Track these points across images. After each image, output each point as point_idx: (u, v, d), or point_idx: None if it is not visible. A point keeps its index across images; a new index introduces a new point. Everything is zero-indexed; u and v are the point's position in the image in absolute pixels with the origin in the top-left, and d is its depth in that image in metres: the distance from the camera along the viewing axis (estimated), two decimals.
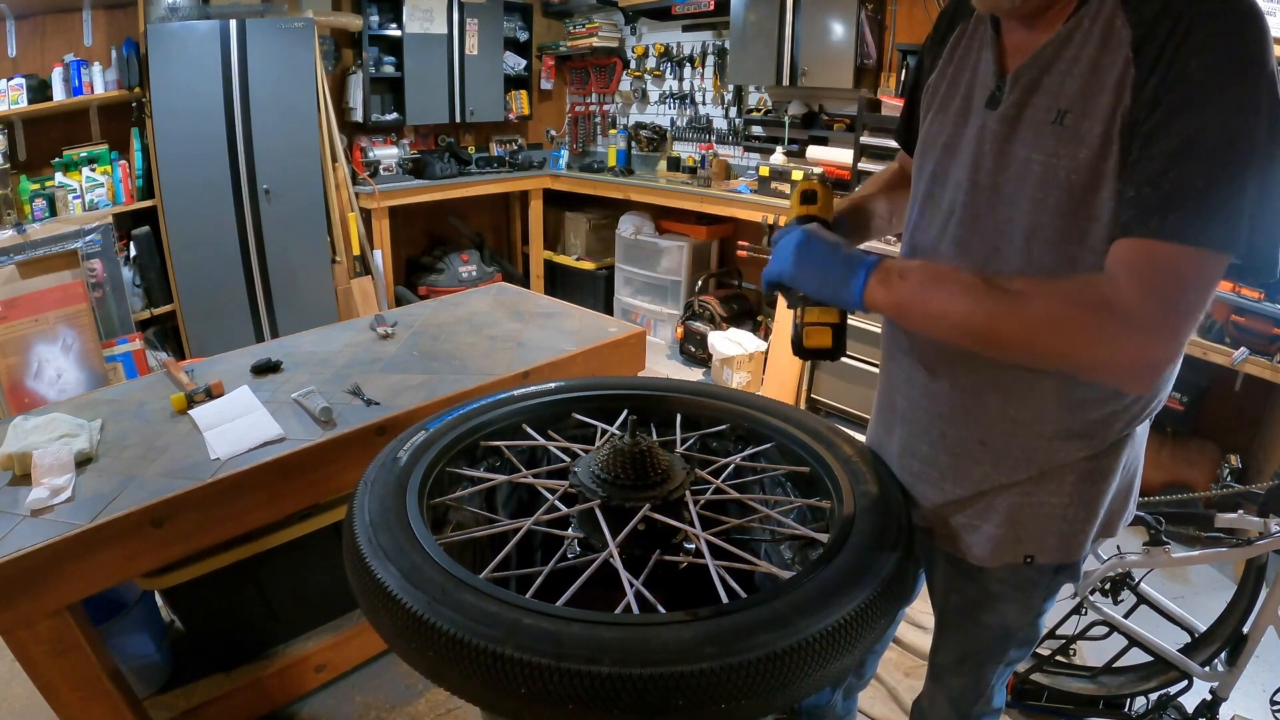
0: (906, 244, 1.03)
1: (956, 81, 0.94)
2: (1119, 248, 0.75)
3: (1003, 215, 0.86)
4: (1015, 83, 0.84)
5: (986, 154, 0.88)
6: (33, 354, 2.80)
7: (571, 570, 0.90)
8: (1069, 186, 0.80)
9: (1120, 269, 0.74)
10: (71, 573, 1.21)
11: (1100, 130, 0.76)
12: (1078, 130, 0.78)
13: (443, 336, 2.02)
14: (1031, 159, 0.82)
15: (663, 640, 0.69)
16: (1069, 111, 0.79)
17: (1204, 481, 2.52)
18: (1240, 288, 2.26)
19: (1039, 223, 0.83)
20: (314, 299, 3.78)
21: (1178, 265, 0.71)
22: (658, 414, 1.26)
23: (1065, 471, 0.90)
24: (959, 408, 0.94)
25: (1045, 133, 0.81)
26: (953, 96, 0.94)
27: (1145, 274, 0.72)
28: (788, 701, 0.72)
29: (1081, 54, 0.78)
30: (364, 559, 0.81)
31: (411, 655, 0.74)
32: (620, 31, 4.70)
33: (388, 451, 1.04)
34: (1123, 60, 0.75)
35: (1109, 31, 0.76)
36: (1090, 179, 0.78)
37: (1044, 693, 1.79)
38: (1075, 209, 0.80)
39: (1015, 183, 0.85)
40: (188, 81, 3.22)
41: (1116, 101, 0.75)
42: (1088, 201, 0.79)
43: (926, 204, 0.98)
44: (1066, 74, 0.80)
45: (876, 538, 0.87)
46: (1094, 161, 0.77)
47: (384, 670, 1.91)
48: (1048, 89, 0.81)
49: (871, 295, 0.84)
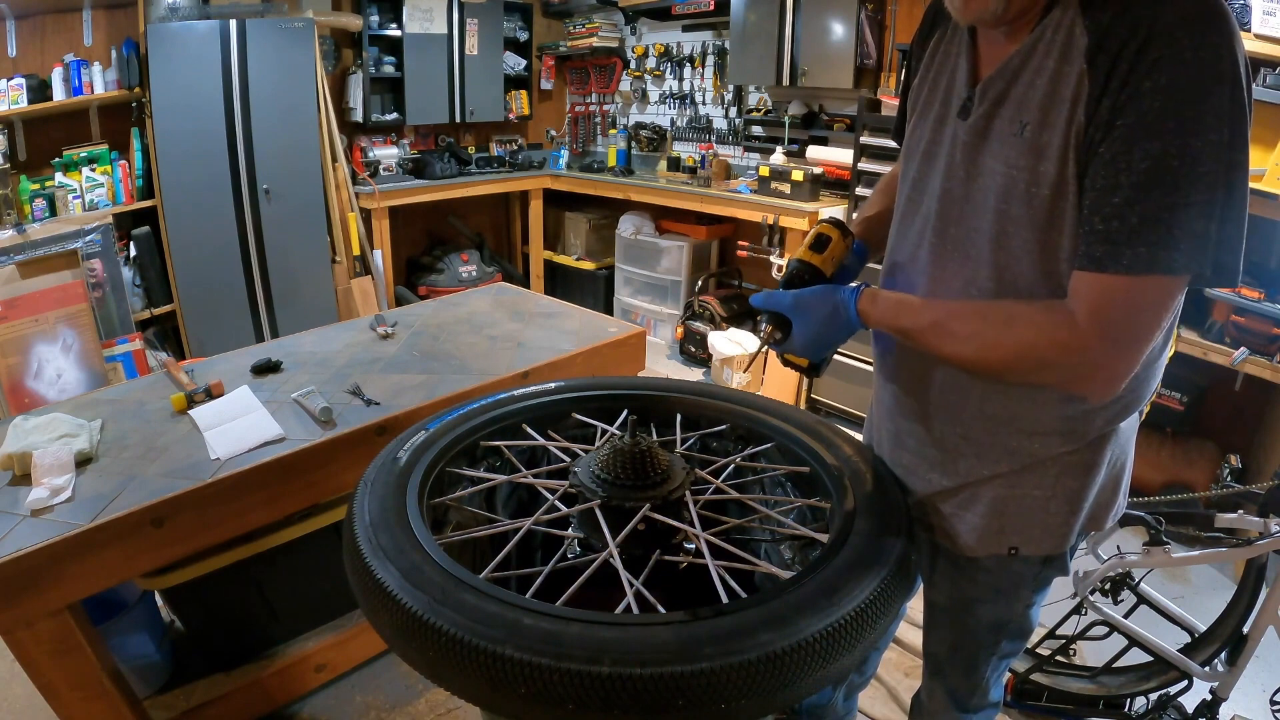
0: (888, 253, 1.04)
1: (935, 87, 0.95)
2: (1080, 281, 0.76)
3: (971, 224, 0.88)
4: (984, 94, 0.84)
5: (958, 163, 0.88)
6: (33, 354, 2.80)
7: (571, 570, 0.90)
8: (1029, 198, 0.80)
9: (1081, 306, 0.75)
10: (71, 573, 1.21)
11: (1059, 142, 0.76)
12: (1037, 142, 0.78)
13: (443, 336, 2.02)
14: (996, 170, 0.83)
15: (663, 640, 0.69)
16: (1029, 123, 0.79)
17: (1204, 481, 2.52)
18: (1240, 287, 2.26)
19: (1004, 231, 0.84)
20: (314, 299, 3.78)
21: (1138, 298, 0.73)
22: (657, 414, 1.26)
23: (1047, 465, 0.92)
24: (941, 404, 0.96)
25: (1009, 144, 0.81)
26: (932, 103, 0.95)
27: (1105, 314, 0.74)
28: (789, 701, 0.72)
29: (1045, 63, 0.78)
30: (364, 559, 0.81)
31: (411, 655, 0.74)
32: (620, 31, 4.69)
33: (388, 451, 1.04)
34: (1078, 72, 0.74)
35: (1069, 40, 0.75)
36: (1053, 192, 0.78)
37: (1044, 693, 1.79)
38: (1040, 221, 0.80)
39: (982, 193, 0.86)
40: (188, 81, 3.22)
41: (1072, 115, 0.75)
42: (1053, 214, 0.79)
43: (908, 211, 0.99)
44: (1030, 84, 0.79)
45: (876, 538, 0.87)
46: (1055, 175, 0.77)
47: (384, 670, 1.91)
48: (1014, 99, 0.81)
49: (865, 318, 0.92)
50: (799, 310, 0.95)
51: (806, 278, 1.00)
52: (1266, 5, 2.10)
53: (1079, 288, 0.76)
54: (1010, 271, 0.84)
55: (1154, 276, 0.71)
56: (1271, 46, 2.12)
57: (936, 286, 0.93)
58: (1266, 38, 2.12)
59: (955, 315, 0.85)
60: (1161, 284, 0.72)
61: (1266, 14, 2.11)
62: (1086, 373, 0.78)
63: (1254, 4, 2.10)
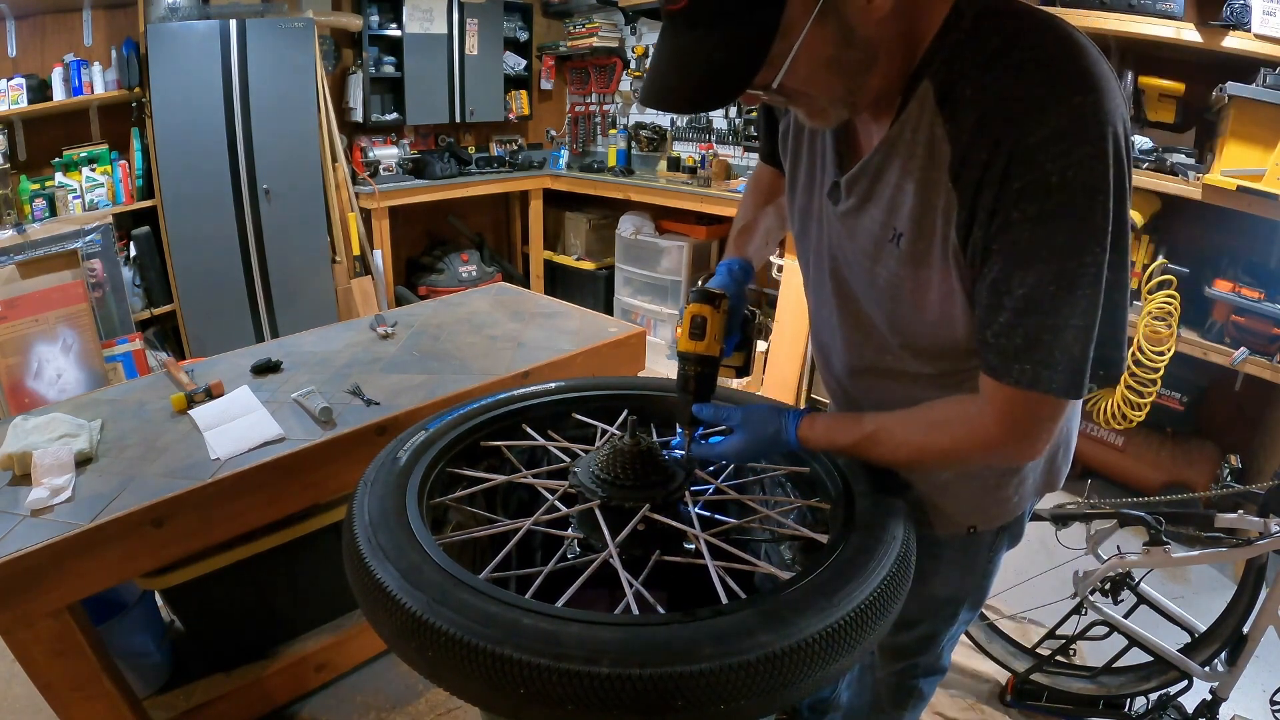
0: (809, 297, 1.05)
1: (800, 139, 0.94)
2: (986, 385, 0.78)
3: (865, 312, 0.90)
4: (850, 188, 0.84)
5: (838, 245, 0.90)
6: (33, 354, 2.80)
7: (571, 570, 0.90)
8: (915, 300, 0.81)
9: (989, 409, 0.78)
10: (71, 573, 1.21)
11: (938, 253, 0.77)
12: (914, 251, 0.78)
13: (443, 336, 2.02)
14: (877, 272, 0.84)
15: (662, 640, 0.69)
16: (903, 235, 0.78)
17: (1204, 481, 2.52)
18: (1240, 287, 2.26)
19: (897, 317, 0.86)
20: (314, 299, 3.78)
21: (1035, 408, 0.75)
22: (657, 414, 1.26)
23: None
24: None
25: (886, 250, 0.81)
26: (800, 157, 0.95)
27: (1009, 417, 0.77)
28: (789, 701, 0.72)
29: (910, 166, 0.76)
30: (363, 559, 0.81)
31: (411, 655, 0.74)
32: (620, 31, 4.69)
33: (387, 451, 1.04)
34: (945, 189, 0.73)
35: (931, 145, 0.73)
36: (940, 295, 0.80)
37: (1044, 693, 1.79)
38: (933, 312, 0.81)
39: (866, 288, 0.88)
40: (188, 81, 3.22)
41: (946, 230, 0.75)
42: (944, 308, 0.81)
43: (807, 259, 1.00)
44: (898, 188, 0.78)
45: (876, 538, 0.87)
46: (939, 281, 0.78)
47: (384, 670, 1.91)
48: (881, 200, 0.80)
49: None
50: (745, 425, 0.94)
51: (702, 369, 0.98)
52: (1266, 5, 2.10)
53: (986, 390, 0.78)
54: (913, 344, 0.88)
55: (1042, 394, 0.73)
56: (1271, 46, 2.12)
57: (851, 351, 0.97)
58: (1266, 38, 2.12)
59: (883, 428, 0.87)
60: (1049, 400, 0.74)
61: (1266, 14, 2.10)
62: (1009, 458, 0.87)
63: (1254, 4, 2.10)
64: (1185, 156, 2.40)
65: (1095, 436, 2.77)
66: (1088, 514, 1.73)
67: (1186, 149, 2.48)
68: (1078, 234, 0.67)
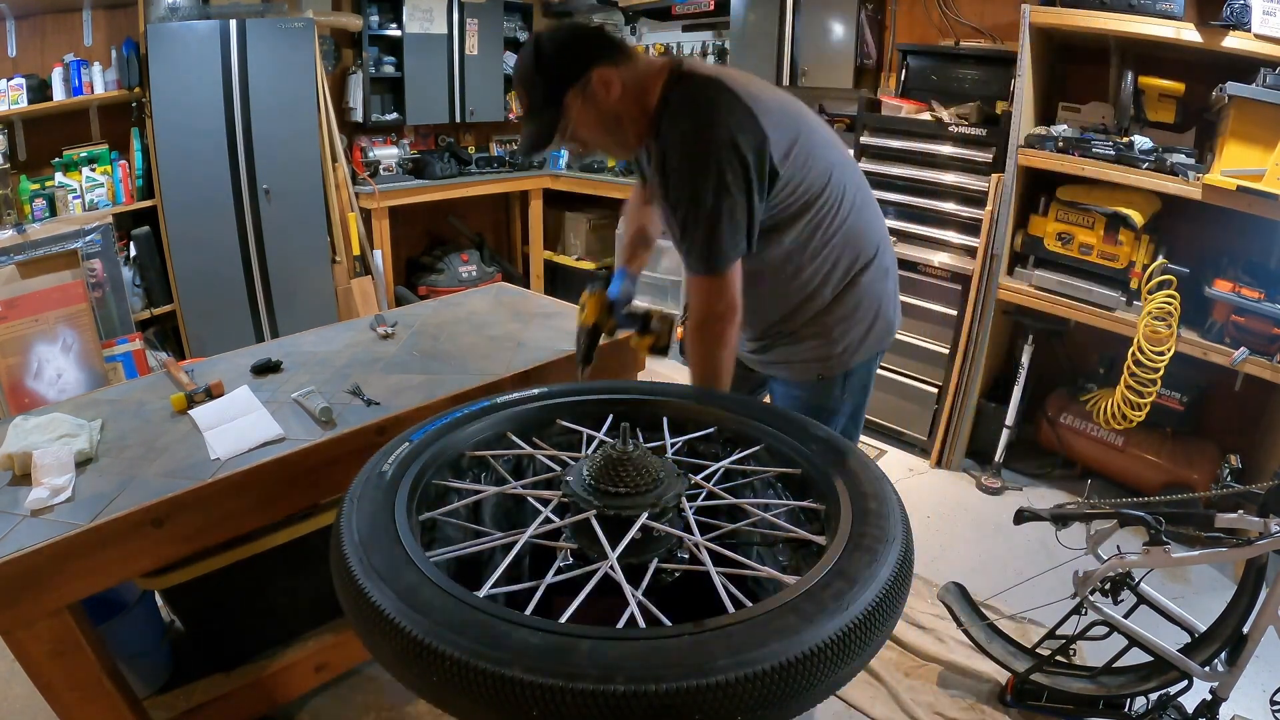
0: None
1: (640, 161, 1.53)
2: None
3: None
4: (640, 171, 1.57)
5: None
6: (33, 354, 2.79)
7: (565, 582, 0.88)
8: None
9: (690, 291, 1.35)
10: (71, 573, 1.21)
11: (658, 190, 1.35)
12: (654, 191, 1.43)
13: (443, 336, 2.02)
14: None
15: (676, 653, 0.68)
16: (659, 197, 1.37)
17: (1204, 481, 2.52)
18: (1240, 287, 2.26)
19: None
20: (314, 299, 3.78)
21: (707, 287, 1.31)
22: (642, 418, 1.24)
23: (805, 326, 1.47)
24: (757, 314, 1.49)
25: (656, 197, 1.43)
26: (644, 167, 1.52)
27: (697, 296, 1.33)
28: (804, 708, 0.71)
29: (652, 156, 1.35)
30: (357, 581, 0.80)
31: (413, 681, 0.73)
32: (620, 31, 4.69)
33: (371, 465, 1.03)
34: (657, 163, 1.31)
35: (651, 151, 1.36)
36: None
37: (1044, 693, 1.79)
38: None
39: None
40: (188, 81, 3.22)
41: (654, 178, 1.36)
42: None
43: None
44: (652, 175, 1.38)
45: (876, 537, 0.87)
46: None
47: (384, 670, 1.90)
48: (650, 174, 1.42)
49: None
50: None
51: (593, 335, 1.57)
52: (1266, 5, 2.10)
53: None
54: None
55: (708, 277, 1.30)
56: (1271, 46, 2.12)
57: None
58: (1266, 38, 2.12)
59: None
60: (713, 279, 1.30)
61: (1266, 14, 2.10)
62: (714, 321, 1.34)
63: (1254, 4, 2.10)
64: (1185, 156, 2.39)
65: (1095, 436, 2.77)
66: (1088, 514, 1.73)
67: (1186, 149, 2.48)
68: (696, 174, 1.24)
